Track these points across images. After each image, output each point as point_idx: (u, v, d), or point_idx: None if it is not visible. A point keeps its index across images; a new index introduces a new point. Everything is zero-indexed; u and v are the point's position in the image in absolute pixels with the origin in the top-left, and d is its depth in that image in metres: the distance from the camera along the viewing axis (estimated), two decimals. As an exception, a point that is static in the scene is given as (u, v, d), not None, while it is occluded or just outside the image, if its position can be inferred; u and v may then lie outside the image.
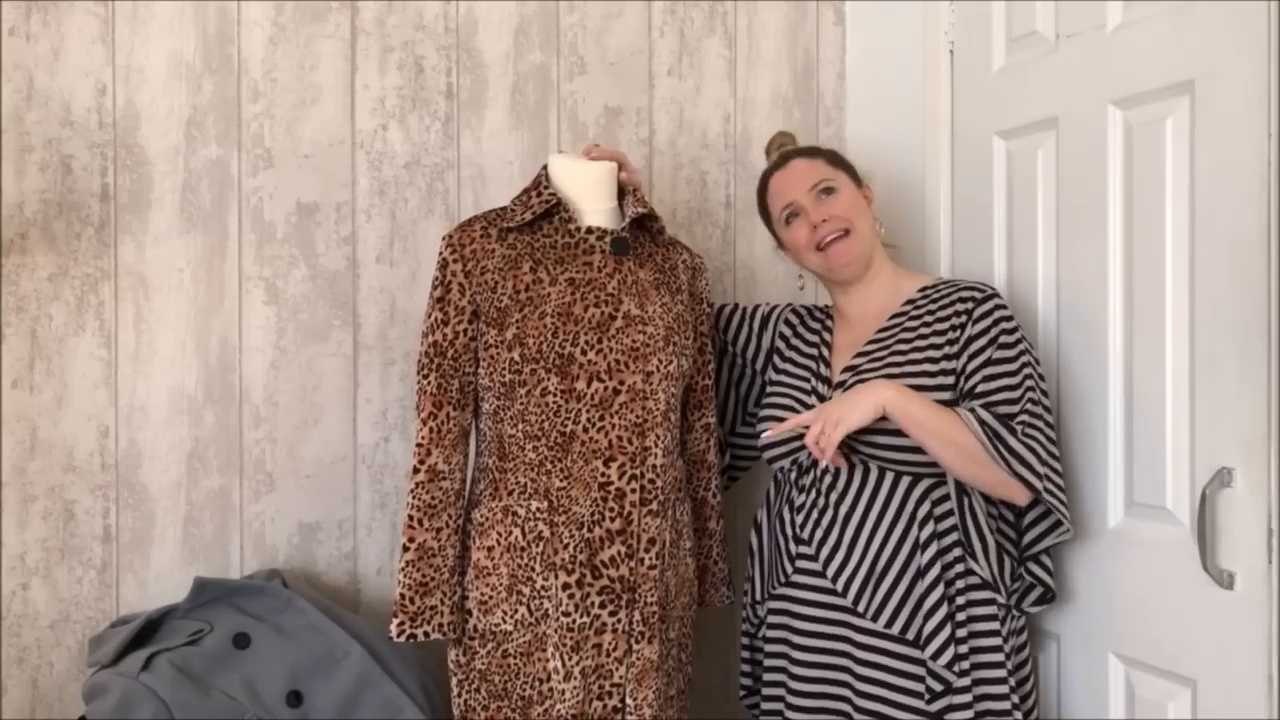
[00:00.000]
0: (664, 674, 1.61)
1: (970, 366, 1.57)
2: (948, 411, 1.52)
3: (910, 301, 1.69)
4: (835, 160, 1.74)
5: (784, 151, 1.78)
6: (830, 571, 1.61)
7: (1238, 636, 1.37)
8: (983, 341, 1.58)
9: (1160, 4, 1.51)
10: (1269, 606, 1.33)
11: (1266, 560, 1.33)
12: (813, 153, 1.76)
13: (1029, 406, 1.53)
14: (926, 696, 1.53)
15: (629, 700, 1.56)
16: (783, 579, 1.67)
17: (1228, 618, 1.39)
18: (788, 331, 1.81)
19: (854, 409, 1.51)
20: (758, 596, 1.73)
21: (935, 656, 1.52)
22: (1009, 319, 1.60)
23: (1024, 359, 1.57)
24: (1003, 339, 1.57)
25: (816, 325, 1.79)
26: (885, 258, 1.74)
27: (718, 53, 2.14)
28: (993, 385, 1.54)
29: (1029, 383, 1.55)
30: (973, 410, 1.51)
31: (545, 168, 1.69)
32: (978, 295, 1.62)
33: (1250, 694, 1.36)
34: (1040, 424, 1.53)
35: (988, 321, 1.59)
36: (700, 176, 2.13)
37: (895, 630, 1.56)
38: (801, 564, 1.65)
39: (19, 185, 1.77)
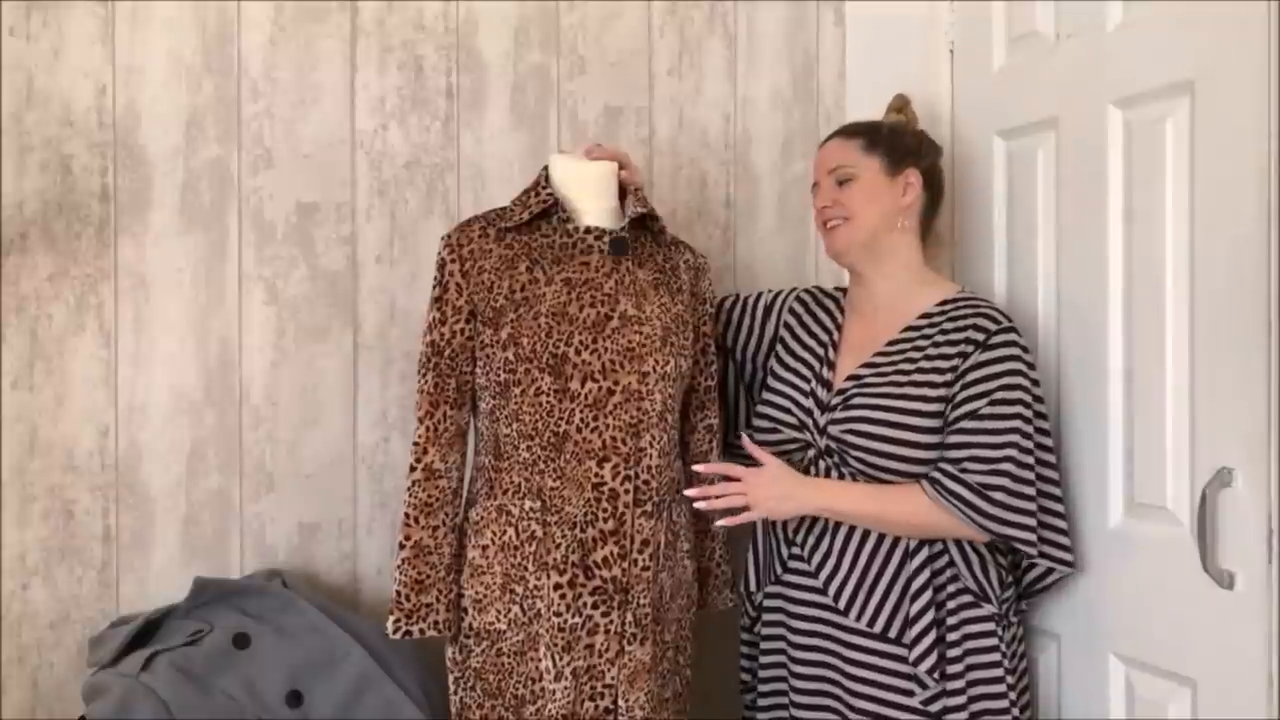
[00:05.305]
0: (658, 676, 1.61)
1: (960, 396, 1.54)
2: (885, 491, 1.55)
3: (926, 316, 1.63)
4: (874, 143, 1.66)
5: (838, 128, 1.76)
6: (822, 577, 1.62)
7: (1238, 636, 1.37)
8: (979, 375, 1.54)
9: (1160, 4, 1.51)
10: (1269, 606, 1.33)
11: (1266, 560, 1.33)
12: (853, 133, 1.69)
13: (1008, 461, 1.51)
14: (919, 698, 1.54)
15: (621, 701, 1.55)
16: (774, 577, 1.69)
17: (1228, 618, 1.39)
18: (792, 320, 1.78)
19: (779, 505, 1.56)
20: (753, 587, 1.74)
21: (917, 662, 1.54)
22: (1014, 359, 1.55)
23: (1017, 407, 1.52)
24: (1005, 380, 1.53)
25: (825, 316, 1.75)
26: (906, 253, 1.67)
27: (718, 53, 2.13)
28: (974, 436, 1.52)
29: (1015, 437, 1.51)
30: (939, 484, 1.51)
31: (546, 168, 1.68)
32: (990, 328, 1.57)
33: (1250, 694, 1.35)
34: (1006, 479, 1.50)
35: (991, 355, 1.55)
36: (700, 176, 2.13)
37: (891, 634, 1.56)
38: (793, 565, 1.66)
39: (19, 185, 1.78)
